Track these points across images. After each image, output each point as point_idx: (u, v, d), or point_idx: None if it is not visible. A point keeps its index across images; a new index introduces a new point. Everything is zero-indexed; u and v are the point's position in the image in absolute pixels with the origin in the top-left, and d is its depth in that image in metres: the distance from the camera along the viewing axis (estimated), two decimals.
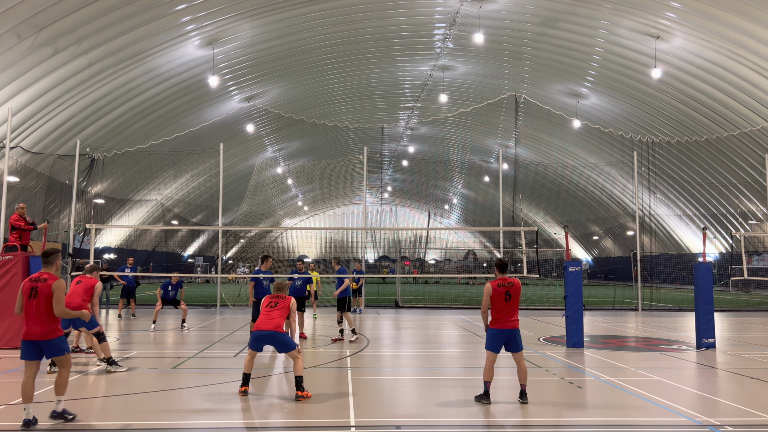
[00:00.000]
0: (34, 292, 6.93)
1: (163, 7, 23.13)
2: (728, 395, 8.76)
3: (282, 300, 8.71)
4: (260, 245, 71.38)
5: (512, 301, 8.20)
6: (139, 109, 30.87)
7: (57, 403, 6.98)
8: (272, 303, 8.66)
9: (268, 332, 8.36)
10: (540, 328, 17.37)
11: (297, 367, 8.27)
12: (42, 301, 6.90)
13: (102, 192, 36.10)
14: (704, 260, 14.43)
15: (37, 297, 6.92)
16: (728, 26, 24.26)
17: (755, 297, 34.98)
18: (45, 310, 6.91)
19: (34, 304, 6.92)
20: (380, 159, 44.76)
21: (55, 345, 6.96)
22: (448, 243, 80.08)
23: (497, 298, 8.17)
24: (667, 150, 35.46)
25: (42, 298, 6.91)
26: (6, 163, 19.80)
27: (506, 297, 8.17)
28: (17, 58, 21.63)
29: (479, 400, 8.11)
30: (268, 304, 8.65)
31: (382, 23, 29.62)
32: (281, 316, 8.51)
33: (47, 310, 6.91)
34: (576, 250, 62.93)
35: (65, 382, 7.01)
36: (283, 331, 8.47)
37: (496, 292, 8.18)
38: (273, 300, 8.72)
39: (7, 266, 12.73)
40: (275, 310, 8.56)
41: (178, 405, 8.02)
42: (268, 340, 8.39)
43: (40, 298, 6.91)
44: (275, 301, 8.68)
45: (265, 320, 8.45)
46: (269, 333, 8.36)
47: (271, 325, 8.38)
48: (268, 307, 8.60)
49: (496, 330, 8.19)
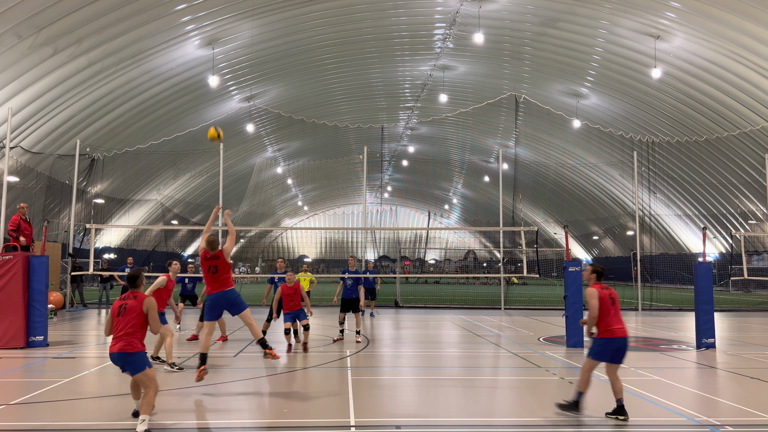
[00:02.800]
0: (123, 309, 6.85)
1: (163, 7, 23.12)
2: (728, 395, 8.76)
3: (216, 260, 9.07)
4: (260, 245, 71.38)
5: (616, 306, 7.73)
6: (139, 109, 30.86)
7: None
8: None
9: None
10: (540, 328, 17.37)
11: (253, 332, 8.92)
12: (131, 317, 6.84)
13: (102, 192, 36.09)
14: (704, 260, 14.43)
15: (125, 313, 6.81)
16: (728, 26, 24.26)
17: (755, 297, 34.99)
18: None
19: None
20: (380, 159, 44.75)
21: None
22: (448, 243, 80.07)
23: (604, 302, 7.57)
24: (667, 150, 35.45)
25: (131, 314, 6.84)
26: (6, 163, 19.80)
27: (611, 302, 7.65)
28: (17, 58, 21.61)
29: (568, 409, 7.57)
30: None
31: (382, 23, 29.61)
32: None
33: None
34: (576, 250, 62.92)
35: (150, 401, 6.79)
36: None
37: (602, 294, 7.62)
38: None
39: (7, 266, 12.73)
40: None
41: (178, 405, 8.01)
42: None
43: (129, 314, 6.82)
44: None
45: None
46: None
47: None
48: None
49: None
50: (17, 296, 12.67)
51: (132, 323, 6.74)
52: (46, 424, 6.96)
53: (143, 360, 6.76)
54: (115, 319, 6.84)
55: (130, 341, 6.70)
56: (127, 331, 6.71)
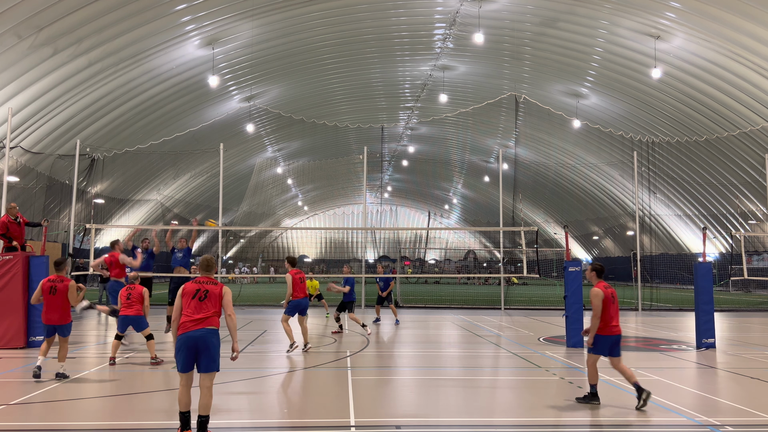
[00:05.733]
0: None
1: (163, 7, 23.12)
2: (728, 395, 8.76)
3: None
4: (260, 245, 71.36)
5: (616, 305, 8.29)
6: (139, 109, 30.85)
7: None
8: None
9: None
10: (540, 328, 17.37)
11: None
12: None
13: (102, 192, 36.08)
14: (704, 260, 14.42)
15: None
16: (728, 26, 24.25)
17: (755, 297, 34.98)
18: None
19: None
20: (380, 159, 44.68)
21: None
22: (448, 243, 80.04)
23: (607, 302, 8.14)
24: (667, 150, 35.44)
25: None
26: (6, 163, 19.79)
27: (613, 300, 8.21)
28: (17, 58, 21.61)
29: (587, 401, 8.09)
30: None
31: (382, 23, 29.61)
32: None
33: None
34: (576, 250, 62.92)
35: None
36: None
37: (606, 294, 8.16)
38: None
39: (7, 266, 12.73)
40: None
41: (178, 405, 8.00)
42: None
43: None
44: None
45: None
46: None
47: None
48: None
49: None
50: (17, 296, 12.67)
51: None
52: (46, 424, 6.96)
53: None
54: (48, 295, 9.50)
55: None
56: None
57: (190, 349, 6.41)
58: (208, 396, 6.36)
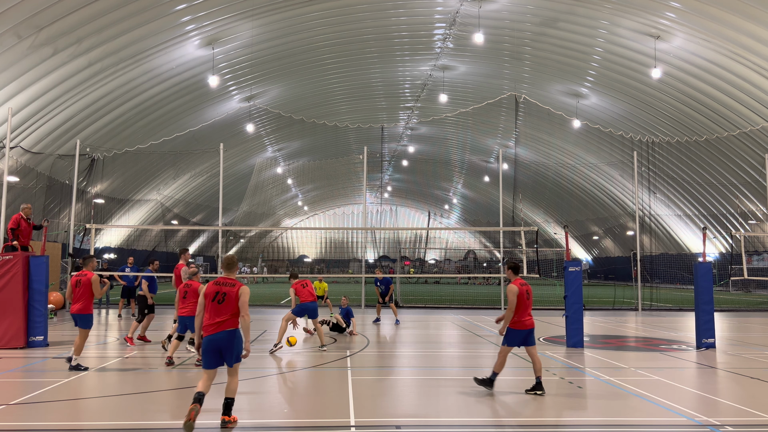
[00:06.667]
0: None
1: (163, 7, 23.11)
2: (728, 395, 8.76)
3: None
4: (260, 245, 71.37)
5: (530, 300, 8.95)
6: (139, 109, 30.84)
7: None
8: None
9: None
10: (540, 328, 17.37)
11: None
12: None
13: (102, 192, 36.08)
14: (704, 260, 14.43)
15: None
16: (728, 26, 24.25)
17: (755, 297, 34.99)
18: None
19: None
20: (380, 159, 44.72)
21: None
22: (448, 243, 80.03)
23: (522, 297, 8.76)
24: (667, 150, 35.45)
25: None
26: (6, 163, 19.79)
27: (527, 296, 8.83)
28: (17, 58, 21.60)
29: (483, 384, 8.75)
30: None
31: (382, 23, 29.61)
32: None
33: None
34: (576, 250, 62.93)
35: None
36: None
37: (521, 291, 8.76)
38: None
39: (7, 266, 12.73)
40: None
41: (178, 404, 8.01)
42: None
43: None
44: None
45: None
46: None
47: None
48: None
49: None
50: (17, 296, 12.67)
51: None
52: (46, 424, 6.96)
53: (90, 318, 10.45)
54: (74, 288, 10.49)
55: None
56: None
57: (215, 350, 6.97)
58: (234, 382, 7.07)
